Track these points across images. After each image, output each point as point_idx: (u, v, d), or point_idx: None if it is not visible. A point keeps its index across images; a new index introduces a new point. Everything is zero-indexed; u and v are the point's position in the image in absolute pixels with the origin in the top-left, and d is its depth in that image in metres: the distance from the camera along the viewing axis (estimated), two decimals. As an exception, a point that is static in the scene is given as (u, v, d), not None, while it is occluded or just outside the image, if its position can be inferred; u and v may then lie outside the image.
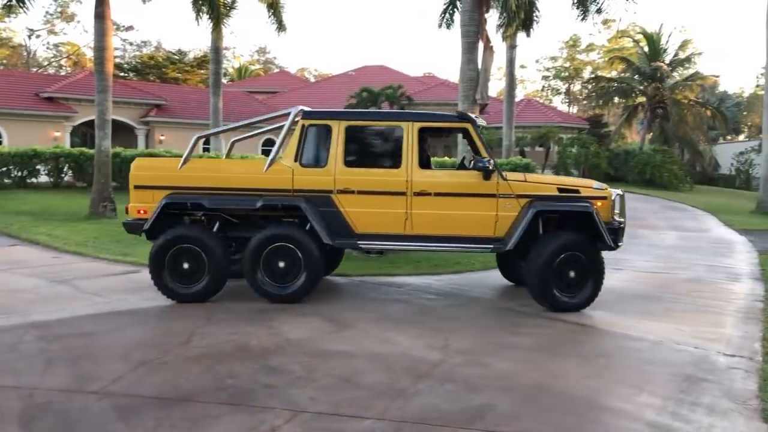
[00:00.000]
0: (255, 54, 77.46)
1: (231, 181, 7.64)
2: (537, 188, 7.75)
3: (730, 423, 4.38)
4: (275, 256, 7.50)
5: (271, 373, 5.07)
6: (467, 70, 15.94)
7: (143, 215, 7.61)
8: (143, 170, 7.84)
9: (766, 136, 22.64)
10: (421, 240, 7.67)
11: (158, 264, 7.47)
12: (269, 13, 23.98)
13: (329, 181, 7.54)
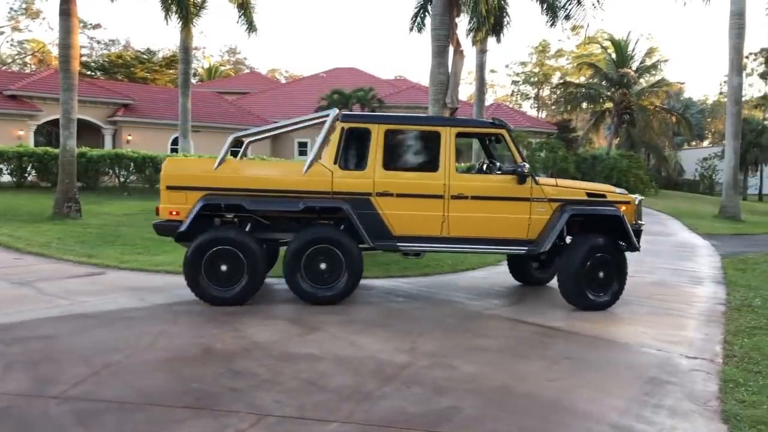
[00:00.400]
0: (225, 54, 76.91)
1: (269, 182, 7.60)
2: (568, 192, 8.06)
3: (690, 424, 4.44)
4: (316, 258, 7.51)
5: (237, 377, 5.01)
6: (437, 74, 16.02)
7: (175, 217, 7.44)
8: (177, 170, 7.69)
9: (729, 143, 23.14)
10: (457, 242, 7.83)
11: (195, 267, 7.32)
12: (240, 13, 23.82)
13: (368, 183, 7.62)
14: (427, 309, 7.71)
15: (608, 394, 4.94)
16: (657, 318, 7.76)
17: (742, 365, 5.80)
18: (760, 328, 7.27)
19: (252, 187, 7.54)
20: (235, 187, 7.52)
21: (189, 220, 7.28)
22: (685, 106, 53.02)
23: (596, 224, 8.11)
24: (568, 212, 7.80)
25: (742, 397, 4.94)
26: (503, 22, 19.85)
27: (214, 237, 7.39)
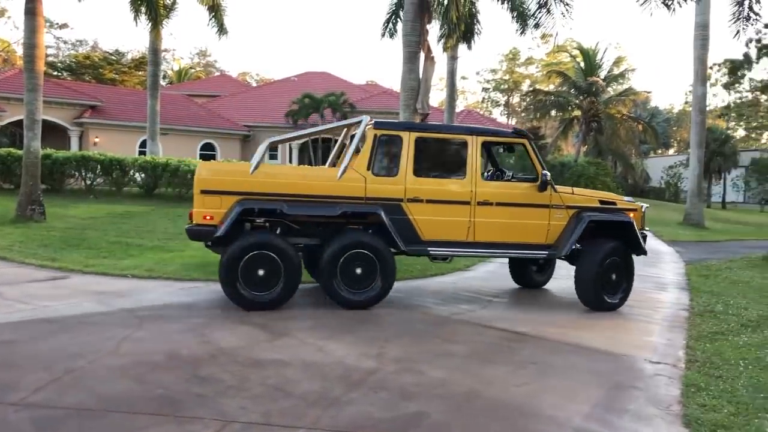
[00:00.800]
0: (195, 57, 76.31)
1: (306, 188, 7.66)
2: (583, 200, 8.58)
3: (653, 429, 4.51)
4: (352, 262, 7.64)
5: (202, 383, 4.95)
6: (408, 80, 16.08)
7: (209, 221, 7.37)
8: (212, 175, 7.64)
9: (693, 152, 23.60)
10: (482, 247, 8.18)
11: (233, 272, 7.31)
12: (210, 15, 23.68)
13: (400, 189, 7.83)
14: (396, 314, 7.70)
15: (573, 399, 4.99)
16: (621, 323, 7.88)
17: (704, 370, 5.91)
18: (721, 333, 7.42)
19: (288, 192, 7.59)
20: (272, 192, 7.53)
21: (227, 225, 7.23)
22: (652, 115, 53.99)
23: (608, 230, 8.57)
24: (586, 219, 8.28)
25: (704, 401, 5.03)
26: (474, 30, 20.02)
27: (253, 242, 7.40)
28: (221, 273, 7.37)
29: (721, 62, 43.57)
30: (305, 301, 8.23)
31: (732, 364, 6.11)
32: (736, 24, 16.06)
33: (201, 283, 9.13)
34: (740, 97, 45.66)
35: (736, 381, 5.59)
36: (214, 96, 43.02)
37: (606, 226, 8.54)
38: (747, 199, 49.67)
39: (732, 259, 14.64)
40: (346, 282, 7.68)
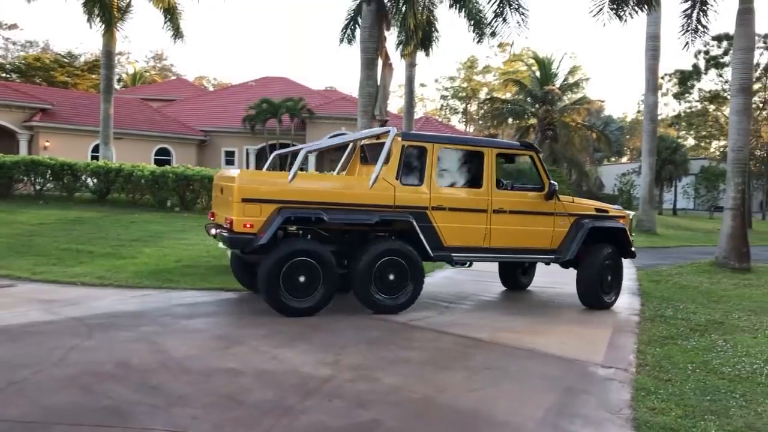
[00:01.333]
0: (151, 60, 75.14)
1: (342, 196, 7.86)
2: (581, 208, 9.33)
3: (604, 432, 4.58)
4: (386, 269, 7.91)
5: (152, 393, 4.84)
6: (366, 86, 16.11)
7: (249, 229, 7.37)
8: (253, 183, 7.71)
9: (645, 159, 24.16)
10: (496, 252, 8.70)
11: (275, 279, 7.39)
12: (166, 18, 23.39)
13: (425, 198, 8.17)
14: (352, 321, 7.67)
15: (526, 404, 5.04)
16: (575, 328, 8.00)
17: (654, 374, 6.04)
18: (671, 337, 7.59)
19: (324, 200, 7.75)
20: (310, 200, 7.66)
21: (270, 233, 7.31)
22: (605, 124, 55.09)
23: (603, 235, 9.26)
24: (587, 226, 9.01)
25: (653, 404, 5.13)
26: (432, 37, 20.18)
27: (296, 249, 7.53)
28: (263, 280, 7.42)
29: (672, 73, 44.80)
30: (259, 309, 8.13)
31: (680, 368, 6.25)
32: (685, 36, 16.50)
33: (154, 290, 8.95)
34: (690, 107, 46.87)
35: (684, 384, 5.72)
36: (170, 100, 42.43)
37: (602, 232, 9.22)
38: (697, 206, 51.08)
39: (682, 265, 15.01)
40: (381, 288, 7.94)
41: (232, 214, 7.46)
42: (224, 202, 8.01)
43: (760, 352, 7.04)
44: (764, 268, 15.09)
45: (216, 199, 8.73)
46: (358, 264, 7.83)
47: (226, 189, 7.92)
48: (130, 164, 21.06)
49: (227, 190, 7.86)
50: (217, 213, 8.50)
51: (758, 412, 5.10)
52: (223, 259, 11.29)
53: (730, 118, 15.68)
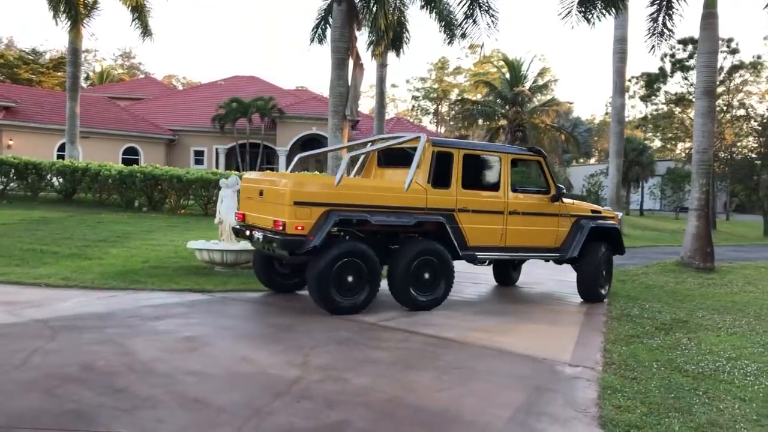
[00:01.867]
0: (119, 58, 74.11)
1: (383, 199, 8.20)
2: (580, 210, 10.07)
3: (571, 430, 4.63)
4: (421, 268, 8.34)
5: (118, 396, 4.77)
6: (337, 86, 16.06)
7: (300, 231, 7.64)
8: (304, 187, 7.90)
9: (613, 161, 24.49)
10: (510, 250, 9.30)
11: (327, 279, 7.71)
12: (134, 16, 23.08)
13: (453, 200, 8.66)
14: (321, 322, 7.64)
15: (494, 403, 5.07)
16: (543, 327, 8.08)
17: (620, 372, 6.12)
18: (636, 336, 7.70)
19: (367, 203, 8.08)
20: (354, 203, 7.99)
21: (323, 235, 7.64)
22: (574, 125, 55.78)
23: (599, 234, 10.01)
24: (588, 226, 9.79)
25: (619, 402, 5.20)
26: (403, 38, 20.18)
27: (346, 250, 7.88)
28: (316, 280, 7.72)
29: (639, 75, 45.51)
30: (230, 311, 8.08)
31: (646, 366, 6.35)
32: (651, 39, 16.78)
33: (120, 292, 8.82)
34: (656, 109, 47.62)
35: (650, 382, 5.81)
36: (139, 99, 41.89)
37: (599, 231, 9.99)
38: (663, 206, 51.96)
39: (648, 265, 15.25)
40: (417, 287, 8.35)
41: (283, 216, 7.68)
42: (267, 205, 8.19)
43: (722, 350, 7.19)
44: (728, 268, 15.41)
45: (251, 201, 8.78)
46: (398, 264, 8.26)
47: (271, 192, 8.15)
48: (97, 163, 20.74)
49: (272, 193, 8.10)
50: (253, 215, 8.64)
51: (720, 409, 5.20)
52: (192, 261, 11.18)
53: (694, 121, 15.96)
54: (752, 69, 40.82)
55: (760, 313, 9.75)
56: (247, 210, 8.87)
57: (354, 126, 34.62)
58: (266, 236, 7.96)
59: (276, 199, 7.93)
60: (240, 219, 9.03)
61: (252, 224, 8.57)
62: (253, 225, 8.50)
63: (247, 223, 8.75)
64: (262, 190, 8.38)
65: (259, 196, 8.45)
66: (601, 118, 77.21)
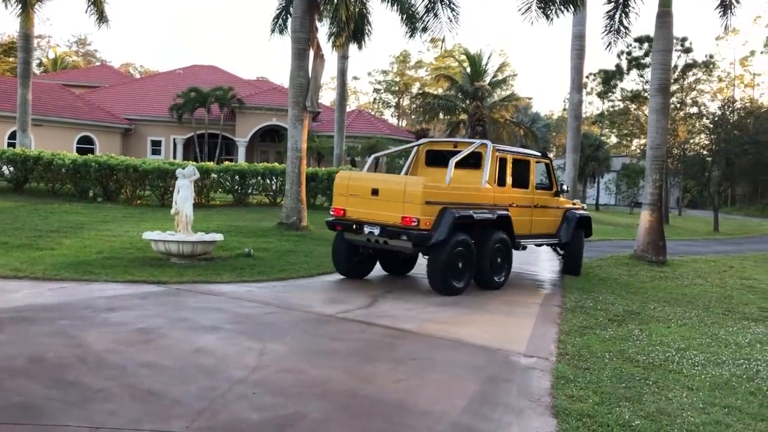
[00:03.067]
0: (74, 45, 72.27)
1: (474, 197, 9.86)
2: (566, 203, 12.32)
3: (525, 420, 4.69)
4: (496, 254, 10.05)
5: (68, 388, 4.67)
6: (297, 77, 15.96)
7: (427, 227, 9.01)
8: (431, 187, 9.21)
9: (570, 156, 24.86)
10: (533, 237, 11.37)
11: (447, 266, 9.21)
12: (89, 2, 22.48)
13: (507, 197, 10.48)
14: (280, 314, 7.60)
15: (450, 394, 5.11)
16: (499, 318, 8.17)
17: (573, 362, 6.23)
18: (590, 327, 7.85)
19: (466, 201, 9.67)
20: (457, 201, 9.49)
21: (445, 229, 9.06)
22: (533, 120, 56.31)
23: (579, 222, 12.15)
24: (575, 216, 12.11)
25: (572, 392, 5.30)
26: (365, 30, 20.13)
27: (459, 240, 9.30)
28: (439, 268, 9.22)
29: (597, 72, 46.26)
30: (185, 302, 7.97)
31: (598, 357, 6.48)
32: (608, 36, 17.06)
33: (73, 283, 8.62)
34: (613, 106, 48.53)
35: (602, 372, 5.93)
36: (94, 87, 40.91)
37: (581, 219, 12.20)
38: (618, 201, 53.03)
39: (602, 258, 15.54)
40: (494, 270, 10.06)
41: (416, 214, 8.97)
42: (387, 203, 9.28)
43: (672, 341, 7.37)
44: (679, 261, 15.81)
45: (356, 199, 9.70)
46: (485, 251, 9.78)
47: (393, 191, 9.26)
48: (50, 152, 20.22)
49: (395, 193, 9.22)
50: (362, 211, 9.60)
51: (669, 398, 5.33)
52: (147, 252, 11.00)
53: (649, 117, 16.30)
54: (705, 68, 41.91)
55: (708, 305, 10.03)
56: (350, 206, 9.77)
57: (315, 117, 34.43)
58: (387, 230, 9.16)
59: (403, 197, 9.08)
60: (340, 214, 9.88)
61: (359, 219, 9.56)
62: (361, 220, 9.51)
63: (351, 218, 9.71)
64: (377, 189, 9.41)
65: (371, 195, 9.46)
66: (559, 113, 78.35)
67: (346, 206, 9.78)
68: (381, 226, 9.21)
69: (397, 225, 9.06)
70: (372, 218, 9.36)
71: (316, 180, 21.23)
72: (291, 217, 15.87)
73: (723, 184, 35.33)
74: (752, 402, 5.39)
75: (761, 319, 9.25)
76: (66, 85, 37.84)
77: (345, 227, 9.77)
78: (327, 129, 33.86)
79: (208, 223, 14.91)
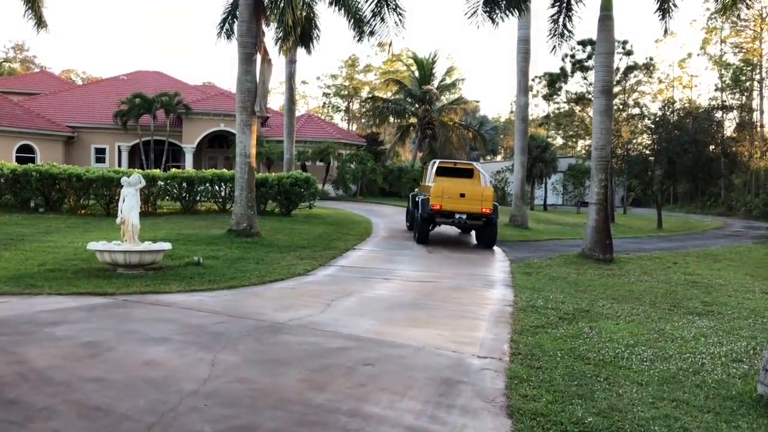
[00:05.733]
0: (11, 51, 69.97)
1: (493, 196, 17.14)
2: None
3: (480, 421, 4.71)
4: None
5: (8, 407, 4.47)
6: (245, 81, 15.78)
7: (489, 212, 16.55)
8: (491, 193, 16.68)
9: (517, 157, 25.24)
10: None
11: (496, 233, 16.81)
12: (26, 6, 21.74)
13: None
14: (231, 323, 7.46)
15: (405, 397, 5.10)
16: (452, 321, 8.20)
17: (526, 362, 6.30)
18: (542, 326, 7.95)
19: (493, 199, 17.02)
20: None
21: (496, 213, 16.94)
22: (481, 123, 56.97)
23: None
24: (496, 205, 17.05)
25: (525, 391, 5.35)
26: (312, 34, 20.01)
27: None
28: (494, 234, 17.11)
29: (542, 75, 47.05)
30: (133, 314, 7.76)
31: (551, 355, 6.56)
32: (552, 40, 17.40)
33: (13, 297, 8.32)
34: (558, 108, 49.40)
35: (554, 371, 6.01)
36: (34, 94, 39.64)
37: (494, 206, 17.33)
38: (565, 201, 53.98)
39: (551, 257, 15.79)
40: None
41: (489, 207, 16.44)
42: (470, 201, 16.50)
43: (621, 338, 7.53)
44: (626, 259, 16.18)
45: (450, 199, 16.47)
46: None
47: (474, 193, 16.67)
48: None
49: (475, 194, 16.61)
50: (453, 206, 16.49)
51: (620, 394, 5.43)
52: (93, 263, 10.69)
53: (593, 119, 16.66)
54: (645, 70, 43.04)
55: (654, 301, 10.28)
56: (444, 204, 16.40)
57: (264, 122, 34.12)
58: (471, 215, 16.52)
59: (481, 198, 16.49)
60: (437, 208, 16.37)
61: (452, 210, 16.45)
62: (454, 210, 16.45)
63: (446, 209, 16.42)
64: (464, 193, 16.61)
65: (460, 197, 16.48)
66: (506, 116, 79.47)
67: (441, 203, 16.40)
68: (468, 213, 16.52)
69: (477, 212, 16.48)
70: (461, 209, 16.48)
71: (267, 185, 21.01)
72: (241, 223, 15.67)
73: (665, 183, 36.27)
74: (698, 395, 5.53)
75: (704, 313, 9.53)
76: (3, 92, 36.58)
77: (441, 215, 16.58)
78: (276, 134, 33.58)
79: (156, 231, 14.59)
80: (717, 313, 9.55)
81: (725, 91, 55.40)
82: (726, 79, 54.44)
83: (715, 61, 57.10)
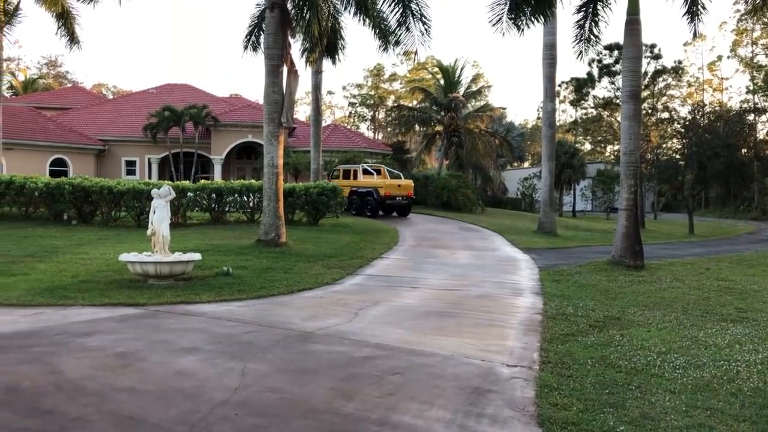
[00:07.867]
0: (44, 67, 71.52)
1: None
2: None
3: (510, 430, 4.68)
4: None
5: (44, 417, 4.57)
6: (271, 93, 15.93)
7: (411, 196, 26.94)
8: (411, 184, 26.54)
9: (545, 164, 25.08)
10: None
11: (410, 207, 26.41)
12: (59, 23, 22.33)
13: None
14: (260, 333, 7.52)
15: (434, 406, 5.08)
16: (481, 329, 8.16)
17: (556, 370, 6.24)
18: (572, 334, 7.87)
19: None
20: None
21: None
22: (507, 130, 56.83)
23: None
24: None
25: (556, 400, 5.30)
26: (338, 45, 20.14)
27: None
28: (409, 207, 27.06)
29: (569, 80, 46.79)
30: (163, 324, 7.86)
31: (581, 364, 6.49)
32: (578, 45, 17.28)
33: (48, 308, 8.48)
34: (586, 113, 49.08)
35: (585, 379, 5.94)
36: (66, 108, 40.44)
37: None
38: (594, 207, 53.52)
39: (581, 264, 15.62)
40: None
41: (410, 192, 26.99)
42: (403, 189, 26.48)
43: (653, 345, 7.42)
44: (656, 265, 15.95)
45: (394, 188, 25.97)
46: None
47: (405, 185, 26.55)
48: (23, 176, 19.95)
49: (406, 186, 26.54)
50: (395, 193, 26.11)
51: (652, 402, 5.36)
52: (124, 274, 10.86)
53: (621, 124, 16.49)
54: (674, 74, 42.58)
55: (687, 308, 10.12)
56: (391, 191, 25.89)
57: (291, 133, 34.37)
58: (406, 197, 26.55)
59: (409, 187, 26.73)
60: (387, 194, 25.64)
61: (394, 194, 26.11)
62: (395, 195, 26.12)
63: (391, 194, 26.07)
64: (401, 184, 26.38)
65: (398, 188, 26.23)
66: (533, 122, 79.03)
67: (390, 192, 25.15)
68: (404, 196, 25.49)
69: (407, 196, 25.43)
70: (399, 194, 25.32)
71: (294, 195, 21.15)
72: (269, 233, 15.79)
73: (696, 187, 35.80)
74: (734, 403, 5.43)
75: (739, 319, 9.35)
76: (37, 108, 37.41)
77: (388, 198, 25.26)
78: (303, 144, 33.79)
79: (186, 242, 14.77)
80: (752, 319, 9.36)
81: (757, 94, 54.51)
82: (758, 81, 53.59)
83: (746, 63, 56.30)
